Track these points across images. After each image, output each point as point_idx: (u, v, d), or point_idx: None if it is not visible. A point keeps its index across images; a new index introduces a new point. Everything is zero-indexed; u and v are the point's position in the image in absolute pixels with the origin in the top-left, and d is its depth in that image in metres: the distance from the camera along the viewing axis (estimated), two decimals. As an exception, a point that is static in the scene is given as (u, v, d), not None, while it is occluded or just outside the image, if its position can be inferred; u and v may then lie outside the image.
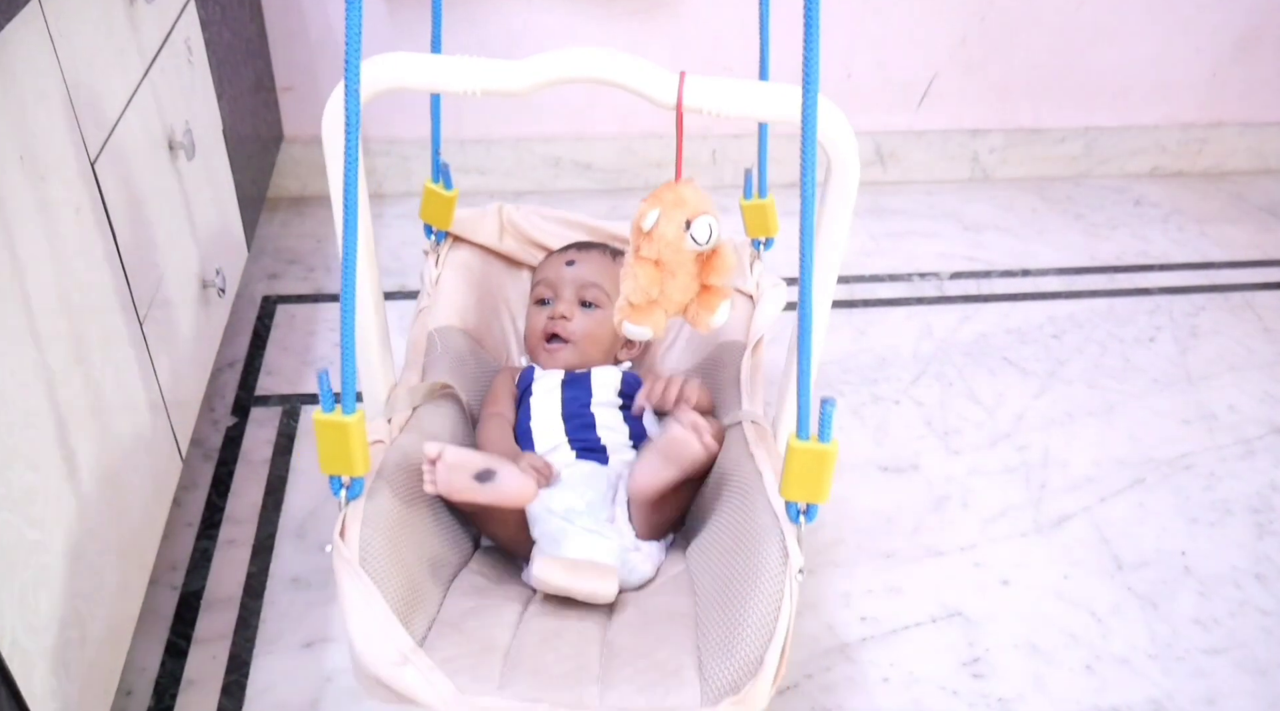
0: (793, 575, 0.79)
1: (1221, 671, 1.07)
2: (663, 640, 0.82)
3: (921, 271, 1.68)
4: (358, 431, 0.75)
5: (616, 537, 0.92)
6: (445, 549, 0.92)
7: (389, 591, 0.78)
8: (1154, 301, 1.63)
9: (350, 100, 0.67)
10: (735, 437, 0.97)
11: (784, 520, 0.81)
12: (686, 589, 0.90)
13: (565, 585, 0.86)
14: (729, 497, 0.92)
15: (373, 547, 0.80)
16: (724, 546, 0.88)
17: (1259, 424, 1.39)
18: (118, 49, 0.97)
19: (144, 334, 0.99)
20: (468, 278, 1.21)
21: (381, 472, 0.87)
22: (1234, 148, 1.99)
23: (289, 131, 1.73)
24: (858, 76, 1.79)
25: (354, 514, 0.81)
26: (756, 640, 0.77)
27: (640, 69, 0.76)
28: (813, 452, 0.75)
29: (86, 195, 0.88)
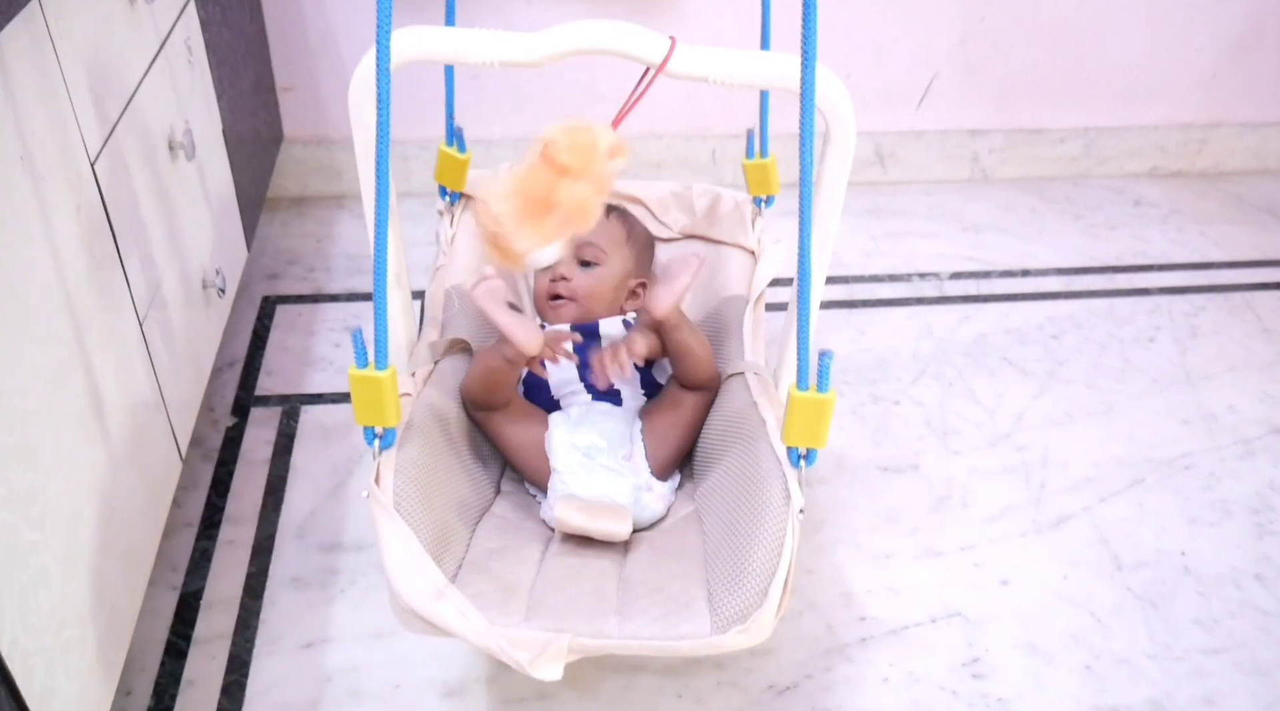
0: (794, 514, 0.84)
1: (1221, 672, 1.07)
2: (675, 575, 0.88)
3: (921, 272, 1.68)
4: (390, 385, 0.80)
5: (632, 475, 0.99)
6: (471, 493, 0.97)
7: (422, 533, 0.83)
8: (1153, 301, 1.63)
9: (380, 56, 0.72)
10: (739, 386, 1.03)
11: (786, 464, 0.87)
12: (695, 528, 0.96)
13: (583, 525, 0.92)
14: (735, 443, 0.97)
15: (405, 493, 0.85)
16: (730, 488, 0.93)
17: (1258, 424, 1.39)
18: (118, 49, 0.97)
19: (144, 334, 0.99)
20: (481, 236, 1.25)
21: (410, 424, 0.92)
22: (1233, 148, 1.99)
23: (289, 132, 1.73)
24: (857, 77, 1.79)
25: (387, 462, 0.86)
26: (762, 573, 0.82)
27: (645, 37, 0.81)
28: (812, 401, 0.80)
29: (87, 195, 0.88)
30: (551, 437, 1.01)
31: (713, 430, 1.05)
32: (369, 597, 1.10)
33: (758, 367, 1.05)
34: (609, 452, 1.00)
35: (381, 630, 1.06)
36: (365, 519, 1.19)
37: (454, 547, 0.89)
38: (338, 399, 1.36)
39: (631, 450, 1.02)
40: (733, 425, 1.00)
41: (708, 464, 1.02)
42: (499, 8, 1.63)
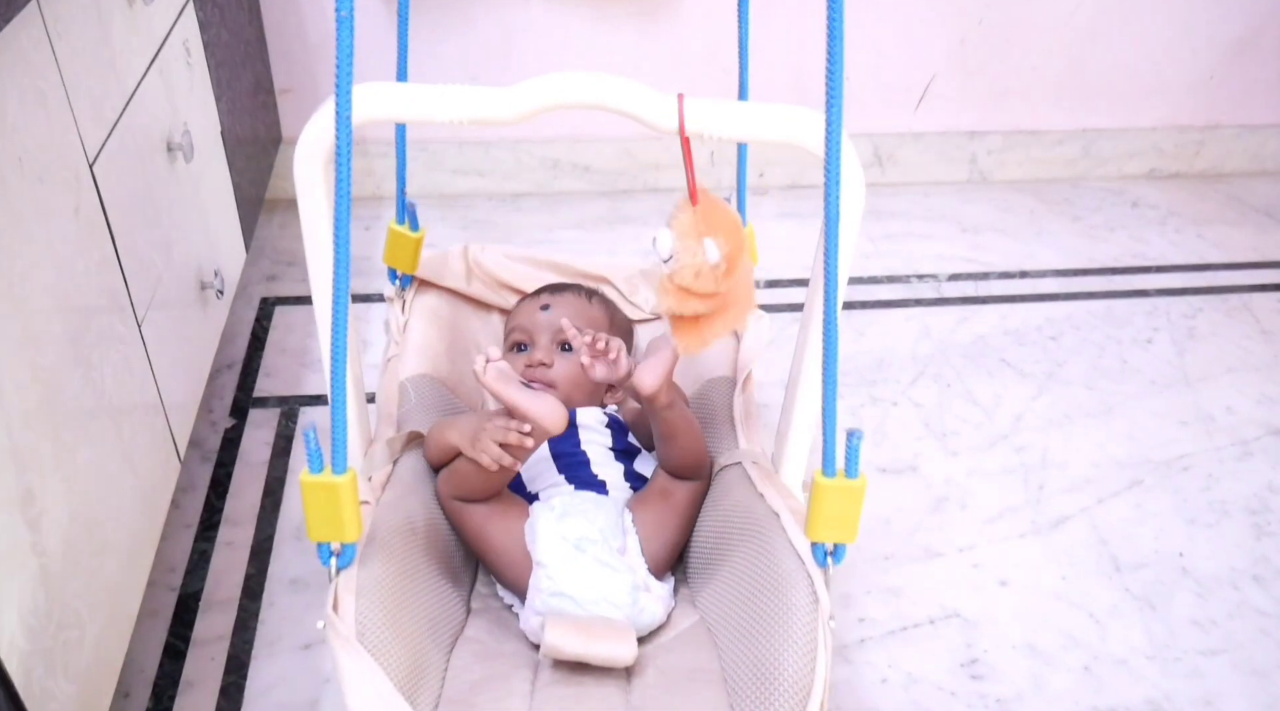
0: (824, 621, 0.75)
1: (1219, 672, 1.07)
2: (691, 702, 0.78)
3: (920, 273, 1.68)
4: (349, 493, 0.71)
5: (629, 572, 0.88)
6: (443, 614, 0.86)
7: (391, 667, 0.73)
8: (1151, 303, 1.63)
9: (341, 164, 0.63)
10: (737, 479, 0.93)
11: (810, 563, 0.77)
12: (706, 642, 0.85)
13: (580, 651, 0.80)
14: (742, 542, 0.87)
15: (370, 620, 0.74)
16: (744, 594, 0.83)
17: (1256, 425, 1.39)
18: (116, 50, 0.97)
19: (142, 335, 0.99)
20: (437, 323, 1.15)
21: (372, 537, 0.81)
22: (1231, 149, 1.99)
23: (288, 133, 1.73)
24: (856, 79, 1.79)
25: (346, 584, 0.75)
26: (795, 691, 0.73)
27: (637, 94, 0.72)
28: (842, 489, 0.72)
29: (85, 196, 0.88)
30: (535, 529, 0.89)
31: (711, 528, 0.94)
32: (367, 599, 1.10)
33: (756, 456, 0.94)
34: (602, 544, 0.88)
35: (380, 631, 1.06)
36: (364, 520, 1.18)
37: (429, 681, 0.78)
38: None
39: (625, 543, 0.91)
40: (737, 521, 0.89)
41: (709, 566, 0.91)
42: (495, 6, 1.64)
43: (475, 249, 1.21)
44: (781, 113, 0.73)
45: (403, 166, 1.07)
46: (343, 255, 0.65)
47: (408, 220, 1.09)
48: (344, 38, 0.62)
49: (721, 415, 1.04)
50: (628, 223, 1.77)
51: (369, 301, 1.52)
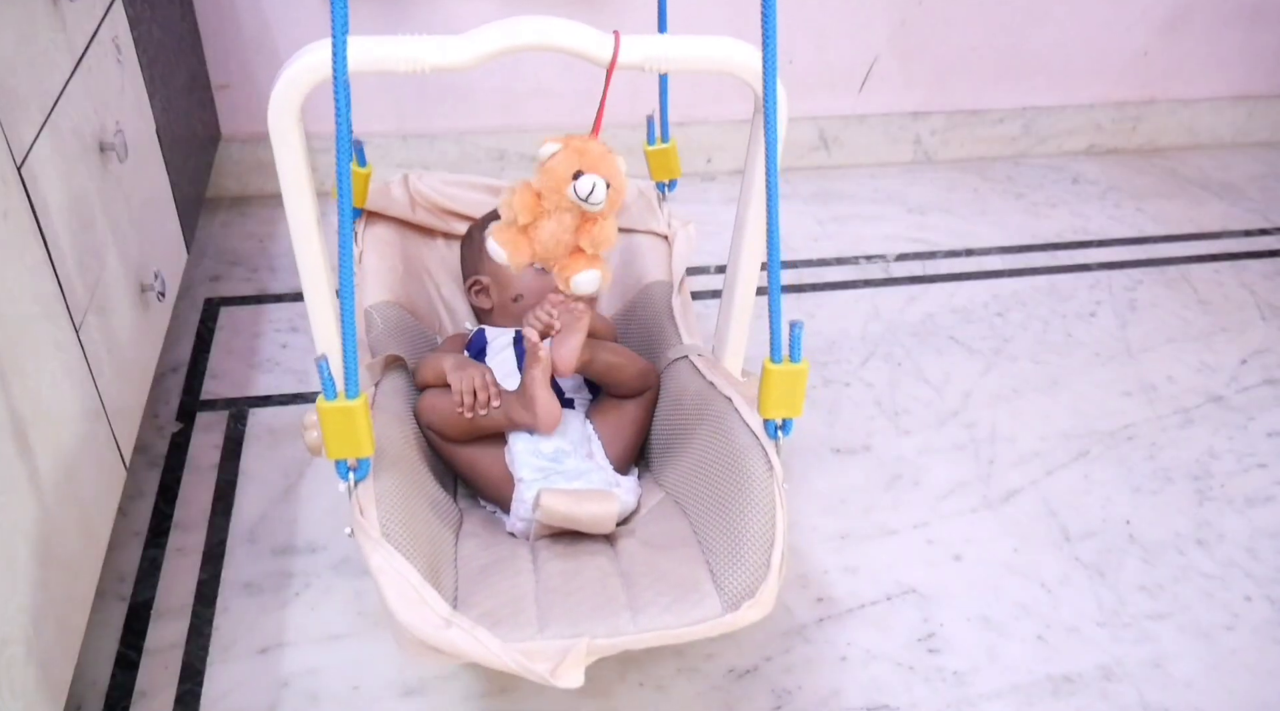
0: (779, 483, 0.86)
1: (1167, 635, 1.10)
2: (673, 561, 0.88)
3: (868, 254, 1.69)
4: (363, 414, 0.79)
5: (601, 473, 0.99)
6: (446, 514, 0.96)
7: (415, 561, 0.82)
8: (1093, 277, 1.66)
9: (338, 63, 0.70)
10: (686, 370, 1.04)
11: (764, 436, 0.89)
12: (676, 513, 0.96)
13: (571, 512, 0.91)
14: (699, 425, 0.98)
15: (391, 523, 0.83)
16: (707, 469, 0.94)
17: (1196, 394, 1.43)
18: (42, 49, 0.94)
19: (81, 341, 0.96)
20: (388, 252, 1.24)
21: (378, 452, 0.89)
22: (1166, 124, 2.03)
23: (226, 130, 1.70)
24: (799, 62, 1.80)
25: (366, 494, 0.84)
26: (761, 545, 0.84)
27: (581, 33, 0.80)
28: (789, 372, 0.83)
29: (15, 200, 0.85)
30: (513, 450, 1.01)
31: (667, 417, 1.06)
32: (324, 600, 1.09)
33: (699, 349, 1.06)
34: (574, 454, 1.00)
35: (338, 632, 1.05)
36: (317, 522, 1.17)
37: (446, 571, 0.88)
38: (285, 401, 1.34)
39: (591, 449, 1.02)
40: (691, 407, 1.01)
41: (671, 450, 1.03)
42: (437, 5, 1.62)
43: (414, 178, 1.29)
44: (716, 43, 0.82)
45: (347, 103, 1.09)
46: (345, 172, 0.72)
47: (355, 156, 1.15)
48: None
49: (663, 315, 1.15)
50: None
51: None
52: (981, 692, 1.03)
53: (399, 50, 0.77)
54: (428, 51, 0.78)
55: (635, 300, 1.22)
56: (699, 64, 0.82)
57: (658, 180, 1.25)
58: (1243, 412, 1.40)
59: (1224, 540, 1.21)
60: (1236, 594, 1.15)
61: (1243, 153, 2.05)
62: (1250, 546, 1.20)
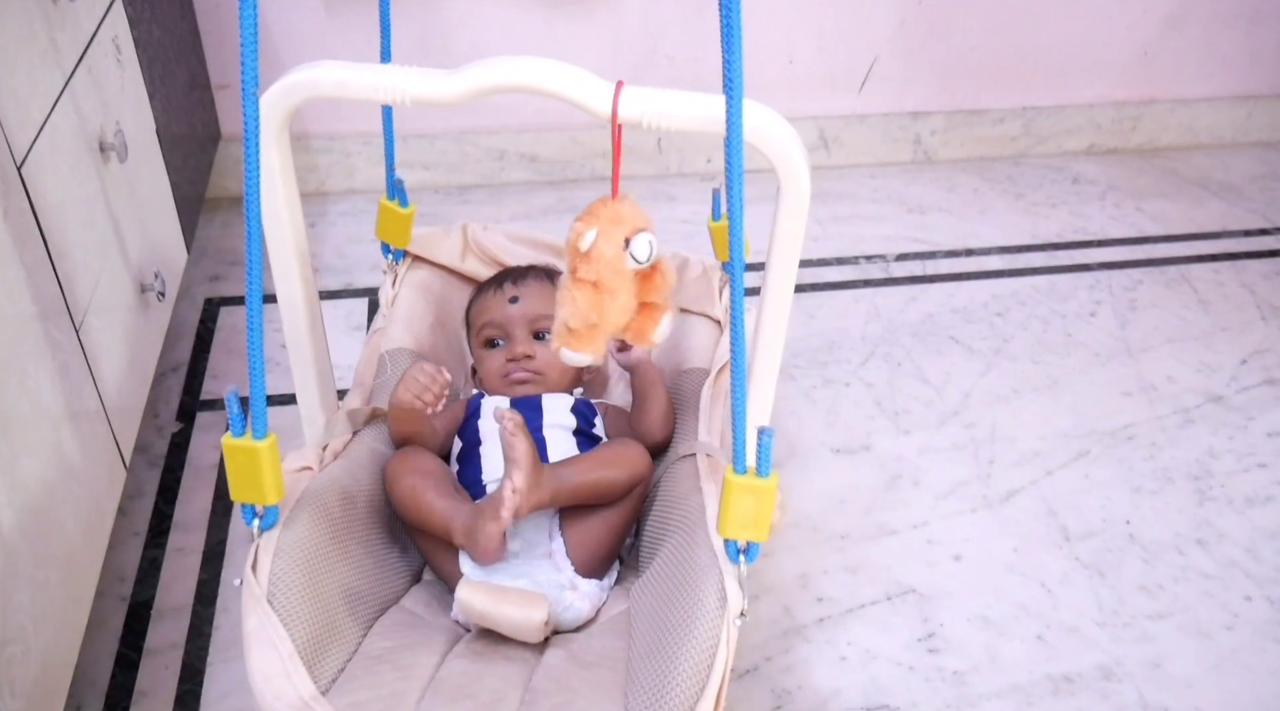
0: (730, 620, 0.75)
1: (1166, 635, 1.10)
2: (589, 687, 0.78)
3: (868, 254, 1.69)
4: (269, 457, 0.73)
5: (553, 573, 0.89)
6: (372, 582, 0.87)
7: (297, 630, 0.75)
8: (1093, 277, 1.66)
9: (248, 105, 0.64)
10: (688, 470, 0.93)
11: (723, 559, 0.77)
12: (624, 631, 0.85)
13: (487, 611, 0.82)
14: (672, 533, 0.88)
15: (284, 582, 0.76)
16: (663, 586, 0.83)
17: (1196, 393, 1.43)
18: (41, 49, 0.94)
19: (81, 341, 0.96)
20: (426, 298, 1.17)
21: (302, 501, 0.83)
22: (1166, 124, 2.03)
23: (226, 130, 1.70)
24: (799, 63, 1.80)
25: (266, 545, 0.77)
26: (687, 691, 0.73)
27: (577, 79, 0.72)
28: (750, 487, 0.71)
29: (15, 200, 0.85)
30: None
31: (656, 516, 0.94)
32: (324, 600, 1.08)
33: (710, 448, 0.95)
34: (524, 554, 0.90)
35: (338, 632, 1.05)
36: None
37: (340, 645, 0.79)
38: (285, 401, 1.34)
39: (550, 548, 0.91)
40: (674, 512, 0.90)
41: (648, 556, 0.92)
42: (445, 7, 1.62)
43: (475, 228, 1.23)
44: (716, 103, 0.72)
45: (390, 144, 1.09)
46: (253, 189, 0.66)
47: (397, 197, 1.12)
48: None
49: (691, 404, 1.05)
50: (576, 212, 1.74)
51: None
52: (981, 692, 1.03)
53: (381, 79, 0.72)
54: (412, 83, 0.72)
55: (670, 386, 1.10)
56: (707, 125, 0.72)
57: (723, 260, 1.17)
58: (1243, 413, 1.40)
59: (1224, 540, 1.21)
60: (1236, 594, 1.15)
61: (1243, 153, 2.05)
62: (1250, 546, 1.20)
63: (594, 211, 0.80)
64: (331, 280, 1.56)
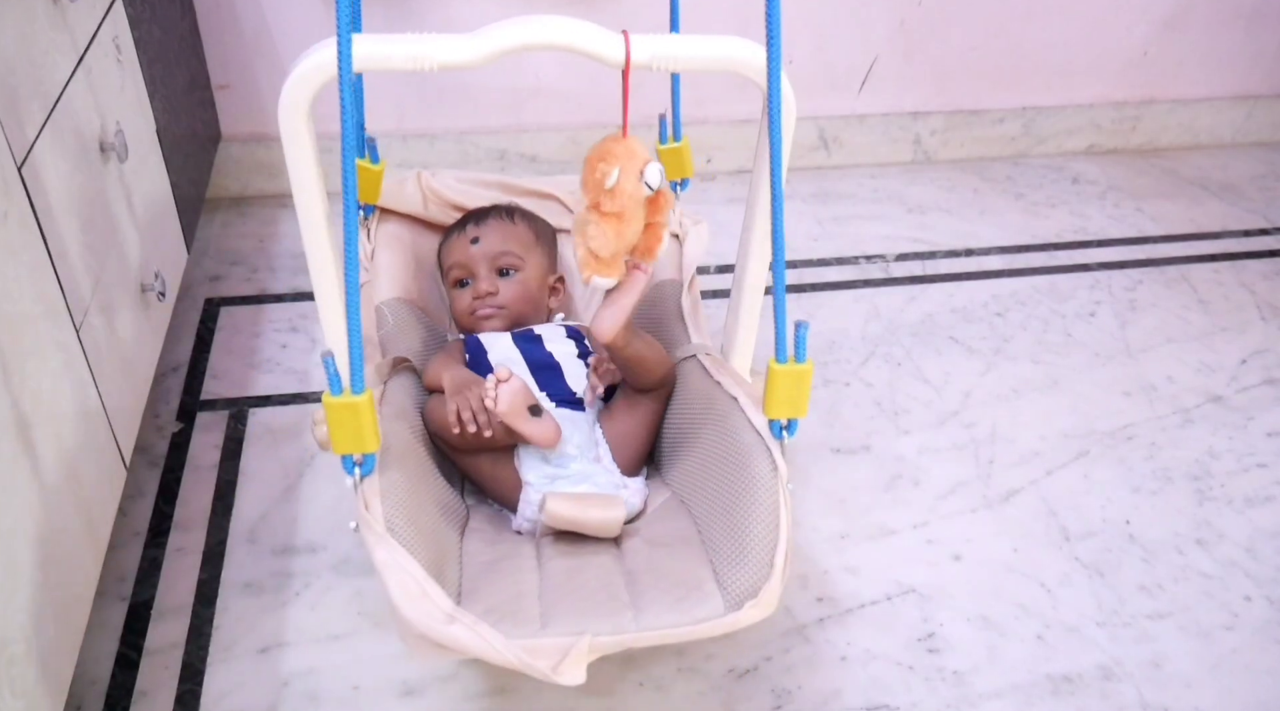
0: (784, 484, 0.86)
1: (1166, 635, 1.10)
2: (676, 560, 0.89)
3: (868, 254, 1.69)
4: (369, 410, 0.79)
5: (607, 475, 1.00)
6: (451, 510, 0.97)
7: (419, 556, 0.82)
8: (1093, 277, 1.67)
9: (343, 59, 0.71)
10: (694, 369, 1.05)
11: (769, 437, 0.89)
12: (681, 512, 0.96)
13: (576, 516, 0.92)
14: (706, 425, 0.98)
15: (396, 518, 0.83)
16: (711, 469, 0.94)
17: (1196, 393, 1.43)
18: (42, 49, 0.94)
19: (81, 341, 0.96)
20: (401, 248, 1.25)
21: (384, 447, 0.89)
22: (1166, 124, 2.03)
23: (227, 130, 1.70)
24: (799, 62, 1.80)
25: (371, 489, 0.84)
26: (764, 546, 0.84)
27: (589, 32, 0.80)
28: (794, 373, 0.83)
29: (16, 200, 0.85)
30: (520, 454, 1.01)
31: (677, 416, 1.06)
32: (324, 600, 1.09)
33: (707, 348, 1.06)
34: (580, 459, 1.00)
35: (337, 632, 1.05)
36: (317, 522, 1.17)
37: (450, 567, 0.88)
38: (286, 401, 1.34)
39: (598, 453, 1.02)
40: (698, 407, 1.01)
41: (678, 449, 1.03)
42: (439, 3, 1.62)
43: (427, 175, 1.30)
44: (724, 43, 0.81)
45: (360, 102, 1.13)
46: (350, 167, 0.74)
47: (368, 153, 1.17)
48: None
49: (672, 314, 1.15)
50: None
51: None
52: (981, 692, 1.03)
53: (406, 48, 0.78)
54: (435, 49, 0.78)
55: (646, 298, 1.20)
56: (707, 64, 0.82)
57: (670, 179, 1.24)
58: (1242, 412, 1.40)
59: (1224, 540, 1.21)
60: (1236, 594, 1.15)
61: (1242, 153, 2.06)
62: (1250, 546, 1.20)
63: (610, 151, 0.88)
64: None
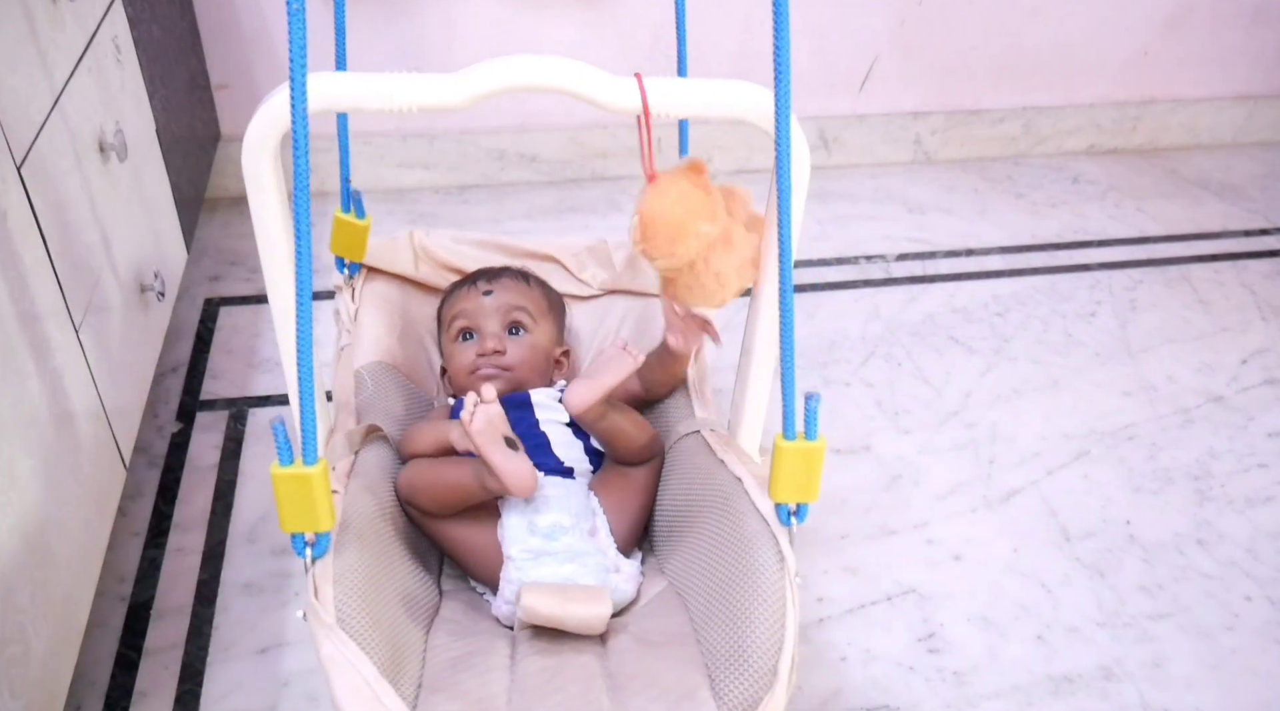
0: (791, 578, 0.78)
1: (1167, 635, 1.10)
2: (668, 662, 0.80)
3: (868, 254, 1.69)
4: (321, 483, 0.72)
5: (598, 555, 0.90)
6: (418, 596, 0.88)
7: (374, 652, 0.74)
8: (1094, 277, 1.66)
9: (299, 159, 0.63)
10: (697, 446, 0.95)
11: (775, 523, 0.80)
12: (676, 606, 0.87)
13: (555, 613, 0.82)
14: (707, 508, 0.89)
15: (349, 607, 0.75)
16: (711, 558, 0.85)
17: (1196, 394, 1.43)
18: (41, 49, 0.94)
19: (80, 341, 0.96)
20: (387, 310, 1.16)
21: (344, 525, 0.82)
22: (1166, 124, 2.03)
23: (226, 130, 1.70)
24: (800, 62, 1.80)
25: (324, 573, 0.76)
26: (767, 650, 0.75)
27: (590, 76, 0.72)
28: (803, 451, 0.75)
29: (14, 200, 0.85)
30: (505, 523, 0.91)
31: (674, 497, 0.96)
32: (324, 600, 1.08)
33: (712, 423, 0.97)
34: (574, 530, 0.90)
35: (338, 632, 1.05)
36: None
37: (410, 663, 0.79)
38: (285, 401, 1.34)
39: (595, 524, 0.93)
40: (699, 488, 0.92)
41: (674, 534, 0.94)
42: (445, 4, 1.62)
43: (420, 234, 1.22)
44: (733, 89, 0.75)
45: (345, 153, 1.06)
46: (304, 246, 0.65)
47: (353, 208, 1.09)
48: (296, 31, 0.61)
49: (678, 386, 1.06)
50: (576, 212, 1.77)
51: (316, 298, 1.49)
52: (981, 692, 1.03)
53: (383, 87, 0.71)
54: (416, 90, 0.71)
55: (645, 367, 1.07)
56: (718, 110, 0.75)
57: None
58: (1243, 412, 1.40)
59: (1224, 540, 1.21)
60: (1237, 594, 1.15)
61: (1243, 153, 2.05)
62: (1250, 546, 1.20)
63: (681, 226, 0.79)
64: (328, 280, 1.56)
